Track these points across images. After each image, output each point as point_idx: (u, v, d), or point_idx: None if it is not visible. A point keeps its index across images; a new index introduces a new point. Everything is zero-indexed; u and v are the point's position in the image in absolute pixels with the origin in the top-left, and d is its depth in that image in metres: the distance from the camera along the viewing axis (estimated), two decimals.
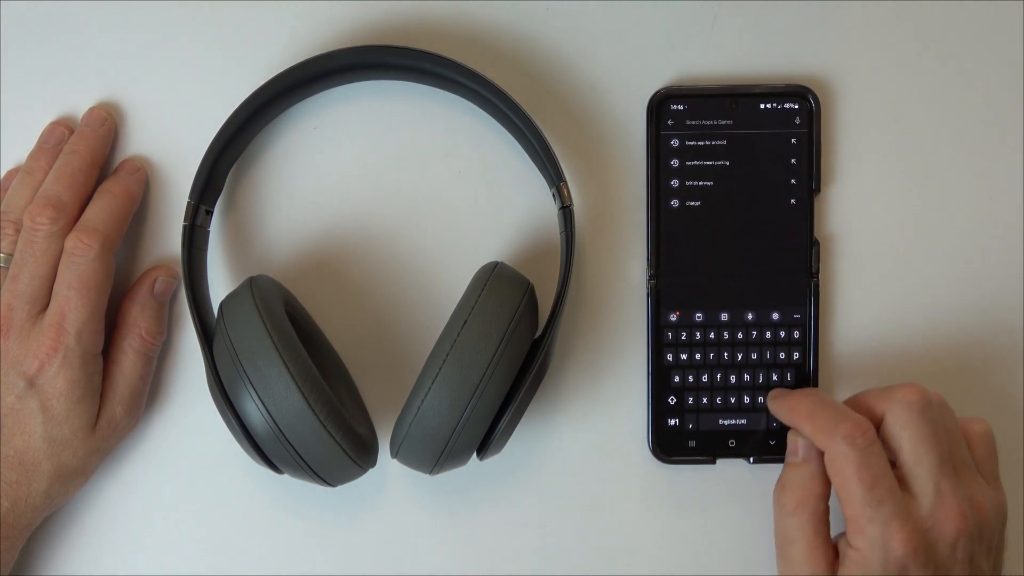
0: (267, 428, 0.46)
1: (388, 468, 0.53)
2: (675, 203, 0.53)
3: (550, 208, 0.54)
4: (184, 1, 0.54)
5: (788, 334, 0.53)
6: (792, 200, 0.53)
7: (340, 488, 0.49)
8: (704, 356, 0.53)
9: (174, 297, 0.54)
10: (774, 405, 0.51)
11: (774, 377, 0.53)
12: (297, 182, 0.54)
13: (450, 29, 0.54)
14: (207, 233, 0.52)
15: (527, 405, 0.49)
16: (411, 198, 0.54)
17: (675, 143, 0.53)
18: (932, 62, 0.54)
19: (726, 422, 0.53)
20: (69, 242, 0.50)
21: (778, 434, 0.53)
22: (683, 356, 0.53)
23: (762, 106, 0.52)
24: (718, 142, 0.52)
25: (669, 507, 0.54)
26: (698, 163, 0.52)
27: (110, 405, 0.51)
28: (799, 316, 0.53)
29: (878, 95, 0.54)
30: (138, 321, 0.52)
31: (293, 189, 0.54)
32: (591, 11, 0.54)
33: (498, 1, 0.54)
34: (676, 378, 0.53)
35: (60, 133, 0.53)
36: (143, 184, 0.54)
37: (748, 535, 0.54)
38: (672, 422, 0.53)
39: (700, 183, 0.53)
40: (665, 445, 0.53)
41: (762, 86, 0.53)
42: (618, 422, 0.54)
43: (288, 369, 0.45)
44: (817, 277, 0.53)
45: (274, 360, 0.46)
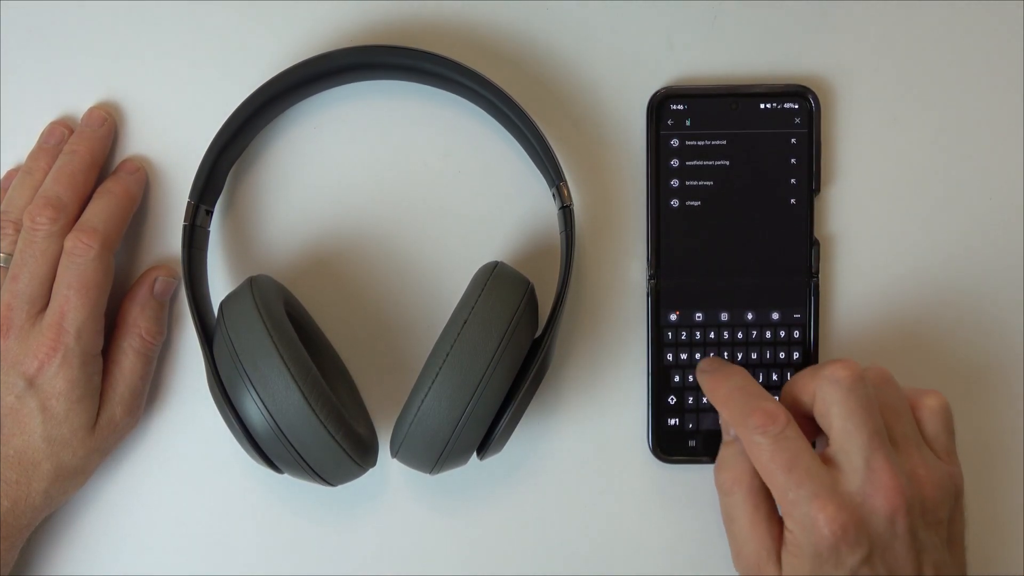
0: (267, 428, 0.46)
1: (388, 468, 0.53)
2: (675, 203, 0.53)
3: (550, 208, 0.54)
4: (184, 1, 0.54)
5: (788, 334, 0.53)
6: (792, 200, 0.53)
7: (340, 488, 0.49)
8: (704, 356, 0.53)
9: (174, 297, 0.54)
10: (700, 380, 0.51)
11: (774, 377, 0.53)
12: (297, 182, 0.54)
13: (450, 29, 0.54)
14: (207, 233, 0.52)
15: (527, 405, 0.49)
16: (411, 198, 0.54)
17: (675, 143, 0.53)
18: (932, 62, 0.54)
19: None
20: (69, 242, 0.50)
21: None
22: (683, 356, 0.53)
23: (762, 106, 0.52)
24: (718, 142, 0.52)
25: (669, 507, 0.54)
26: (698, 163, 0.52)
27: (110, 405, 0.51)
28: (799, 316, 0.53)
29: (878, 95, 0.54)
30: (138, 321, 0.52)
31: (293, 189, 0.54)
32: (591, 11, 0.54)
33: (498, 1, 0.54)
34: (676, 378, 0.53)
35: (60, 133, 0.53)
36: (143, 184, 0.54)
37: None
38: (672, 422, 0.53)
39: (700, 183, 0.53)
40: (665, 445, 0.53)
41: (762, 86, 0.53)
42: (618, 422, 0.54)
43: (288, 369, 0.45)
44: (817, 277, 0.53)
45: (274, 360, 0.46)
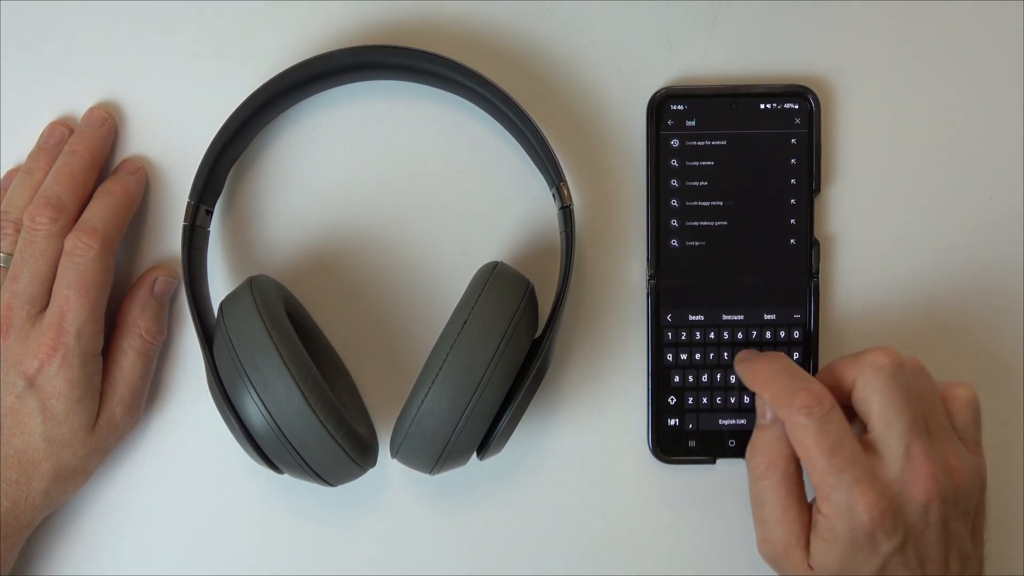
0: (267, 428, 0.46)
1: (388, 468, 0.53)
2: (675, 203, 0.53)
3: (550, 208, 0.54)
4: (184, 1, 0.54)
5: (788, 334, 0.53)
6: (792, 200, 0.53)
7: (340, 488, 0.49)
8: (704, 356, 0.53)
9: (174, 297, 0.54)
10: (739, 368, 0.51)
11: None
12: (297, 182, 0.54)
13: (450, 29, 0.54)
14: (207, 233, 0.52)
15: (527, 405, 0.49)
16: (411, 198, 0.54)
17: (675, 143, 0.53)
18: (932, 62, 0.54)
19: (726, 422, 0.53)
20: (69, 242, 0.50)
21: None
22: (683, 356, 0.53)
23: (762, 106, 0.52)
24: (718, 142, 0.52)
25: (669, 507, 0.54)
26: (698, 163, 0.52)
27: (110, 405, 0.51)
28: (799, 316, 0.53)
29: (878, 95, 0.54)
30: (138, 321, 0.52)
31: (293, 189, 0.54)
32: (591, 11, 0.54)
33: (498, 1, 0.54)
34: (676, 378, 0.53)
35: (60, 133, 0.53)
36: (143, 184, 0.54)
37: (748, 535, 0.54)
38: (672, 422, 0.53)
39: (700, 183, 0.52)
40: (665, 445, 0.53)
41: (762, 86, 0.53)
42: (618, 422, 0.54)
43: (288, 369, 0.45)
44: (817, 277, 0.53)
45: (274, 360, 0.46)
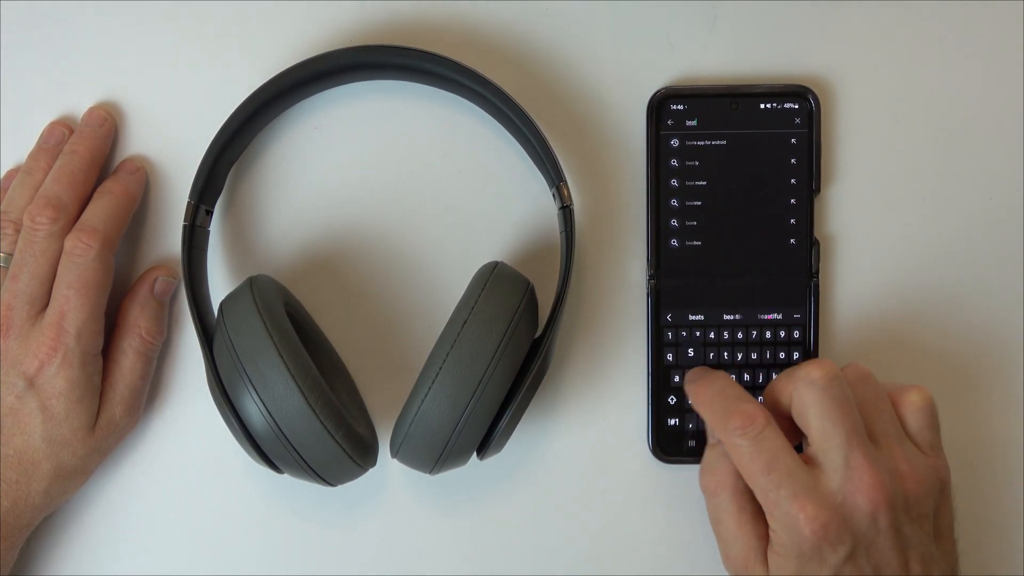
0: (267, 428, 0.46)
1: (388, 468, 0.53)
2: (675, 203, 0.53)
3: (550, 208, 0.54)
4: (184, 1, 0.54)
5: (788, 334, 0.53)
6: (792, 200, 0.53)
7: (340, 488, 0.49)
8: (704, 356, 0.53)
9: (174, 297, 0.54)
10: (686, 389, 0.51)
11: (774, 377, 0.52)
12: (297, 182, 0.54)
13: (450, 29, 0.54)
14: (207, 233, 0.52)
15: (527, 405, 0.49)
16: (411, 198, 0.54)
17: (675, 143, 0.53)
18: (932, 62, 0.54)
19: None
20: (69, 242, 0.50)
21: None
22: (683, 356, 0.53)
23: (762, 106, 0.52)
24: (718, 142, 0.52)
25: (669, 507, 0.54)
26: (698, 163, 0.52)
27: (110, 405, 0.51)
28: (799, 316, 0.53)
29: (878, 95, 0.54)
30: (138, 321, 0.52)
31: (293, 189, 0.54)
32: (591, 11, 0.54)
33: (498, 1, 0.54)
34: (676, 378, 0.53)
35: (60, 133, 0.53)
36: (143, 184, 0.54)
37: None
38: (672, 422, 0.53)
39: (700, 183, 0.53)
40: (665, 445, 0.53)
41: (762, 86, 0.53)
42: (618, 422, 0.54)
43: (288, 369, 0.46)
44: (817, 277, 0.53)
45: (274, 360, 0.46)
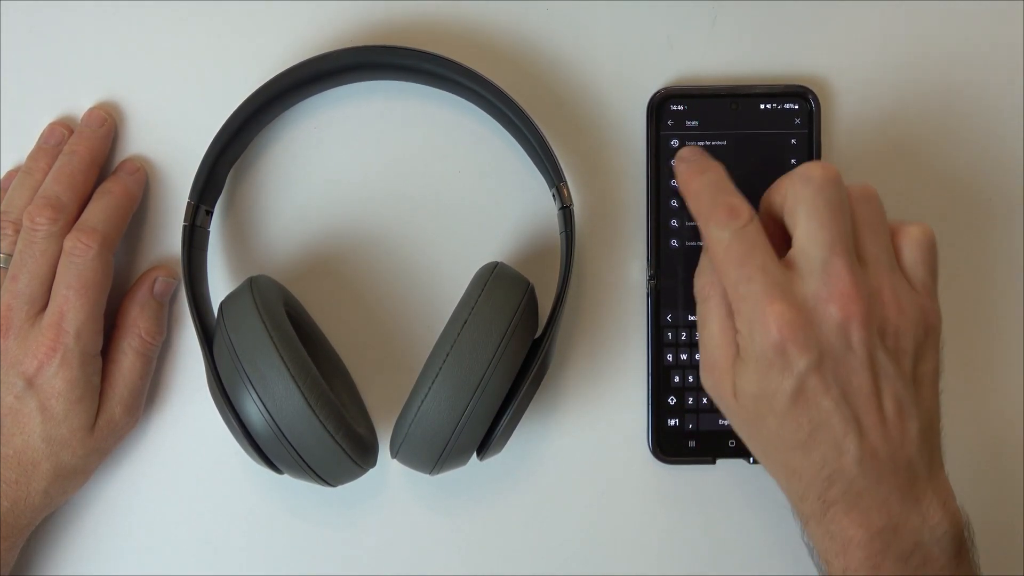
0: (267, 428, 0.46)
1: (388, 468, 0.53)
2: (675, 203, 0.53)
3: (550, 208, 0.54)
4: (184, 1, 0.54)
5: None
6: None
7: (340, 488, 0.49)
8: None
9: (174, 297, 0.54)
10: (676, 167, 0.47)
11: None
12: (297, 182, 0.54)
13: (450, 29, 0.54)
14: (207, 233, 0.52)
15: (527, 405, 0.49)
16: (411, 198, 0.54)
17: (675, 143, 0.53)
18: (932, 62, 0.54)
19: (726, 422, 0.53)
20: (68, 242, 0.50)
21: None
22: (683, 356, 0.53)
23: (762, 106, 0.52)
24: (718, 142, 0.52)
25: (669, 507, 0.54)
26: None
27: (109, 405, 0.51)
28: None
29: (878, 95, 0.54)
30: (138, 321, 0.52)
31: (293, 189, 0.54)
32: (591, 11, 0.54)
33: (498, 1, 0.54)
34: (676, 378, 0.53)
35: (60, 133, 0.53)
36: (143, 184, 0.54)
37: (748, 535, 0.54)
38: (672, 422, 0.53)
39: None
40: (665, 445, 0.53)
41: (762, 86, 0.53)
42: (618, 422, 0.54)
43: (288, 369, 0.45)
44: None
45: (274, 360, 0.46)
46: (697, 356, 0.53)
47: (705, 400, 0.52)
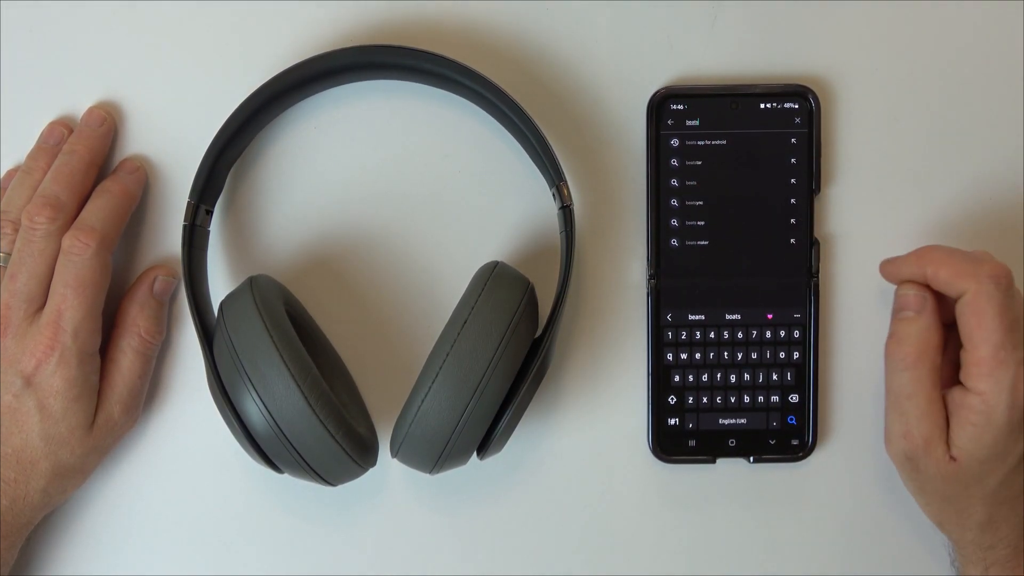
0: (267, 427, 0.46)
1: (388, 468, 0.53)
2: (675, 203, 0.53)
3: (550, 208, 0.54)
4: (184, 1, 0.54)
5: (788, 334, 0.53)
6: (792, 200, 0.53)
7: (340, 488, 0.49)
8: (704, 356, 0.53)
9: (174, 297, 0.54)
10: (893, 265, 0.50)
11: (774, 377, 0.53)
12: (297, 182, 0.54)
13: (450, 29, 0.54)
14: (207, 233, 0.52)
15: (527, 405, 0.48)
16: (411, 198, 0.54)
17: (675, 143, 0.53)
18: (932, 62, 0.54)
19: (726, 422, 0.53)
20: (66, 241, 0.50)
21: (778, 434, 0.53)
22: (683, 356, 0.53)
23: (762, 106, 0.52)
24: (718, 142, 0.52)
25: (669, 507, 0.54)
26: (698, 163, 0.52)
27: (108, 404, 0.51)
28: (799, 316, 0.53)
29: (878, 95, 0.54)
30: (137, 320, 0.52)
31: (293, 189, 0.54)
32: (591, 11, 0.54)
33: (498, 1, 0.54)
34: (676, 378, 0.53)
35: (60, 133, 0.53)
36: (142, 183, 0.54)
37: (748, 535, 0.54)
38: (672, 422, 0.53)
39: (700, 182, 0.52)
40: (665, 445, 0.53)
41: (762, 86, 0.53)
42: (618, 422, 0.54)
43: (288, 369, 0.45)
44: (817, 277, 0.53)
45: (274, 360, 0.46)
46: (697, 355, 0.53)
47: (705, 400, 0.52)
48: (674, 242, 0.53)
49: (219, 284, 0.54)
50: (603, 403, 0.54)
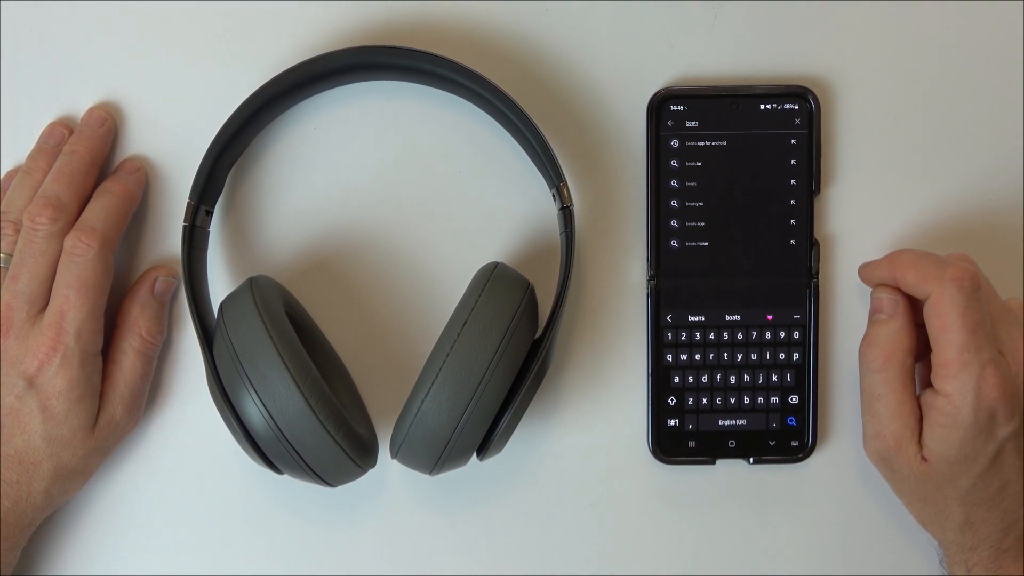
0: (267, 428, 0.46)
1: (388, 468, 0.53)
2: (675, 203, 0.53)
3: (550, 208, 0.54)
4: (184, 1, 0.54)
5: (788, 334, 0.53)
6: (792, 201, 0.53)
7: (340, 488, 0.49)
8: (704, 357, 0.53)
9: (174, 297, 0.54)
10: (868, 268, 0.51)
11: (774, 378, 0.53)
12: (297, 182, 0.54)
13: (450, 29, 0.54)
14: (207, 233, 0.52)
15: (527, 405, 0.49)
16: (411, 198, 0.54)
17: (675, 143, 0.53)
18: (932, 62, 0.54)
19: (726, 422, 0.53)
20: (68, 242, 0.50)
21: (778, 434, 0.53)
22: (683, 356, 0.53)
23: (762, 106, 0.52)
24: (718, 143, 0.52)
25: (669, 507, 0.54)
26: (698, 163, 0.52)
27: (110, 405, 0.51)
28: (799, 316, 0.53)
29: (878, 95, 0.54)
30: (138, 321, 0.52)
31: (293, 189, 0.54)
32: (591, 11, 0.54)
33: (498, 1, 0.54)
34: (676, 378, 0.53)
35: (60, 133, 0.53)
36: (143, 184, 0.54)
37: (748, 535, 0.54)
38: (672, 422, 0.53)
39: (700, 183, 0.52)
40: (665, 445, 0.53)
41: (762, 86, 0.53)
42: (618, 422, 0.54)
43: (288, 369, 0.45)
44: (817, 277, 0.53)
45: (274, 360, 0.46)
46: (697, 356, 0.53)
47: (705, 400, 0.53)
48: (674, 243, 0.53)
49: (219, 284, 0.54)
50: (603, 404, 0.54)
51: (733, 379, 0.52)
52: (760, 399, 0.53)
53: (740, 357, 0.53)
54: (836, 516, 0.54)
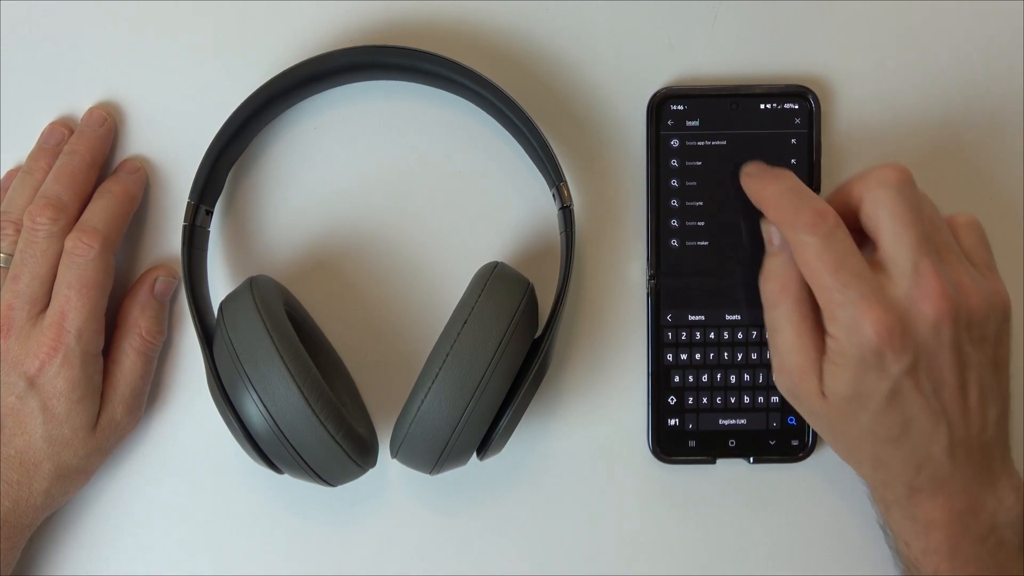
0: (267, 428, 0.46)
1: (388, 468, 0.53)
2: (675, 203, 0.53)
3: (550, 208, 0.54)
4: (184, 1, 0.54)
5: None
6: None
7: (340, 488, 0.50)
8: (704, 356, 0.53)
9: (174, 297, 0.54)
10: (746, 183, 0.49)
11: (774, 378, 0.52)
12: (297, 182, 0.54)
13: (450, 29, 0.54)
14: (207, 233, 0.52)
15: (527, 405, 0.49)
16: (411, 198, 0.54)
17: (675, 143, 0.53)
18: (932, 62, 0.54)
19: (726, 422, 0.53)
20: (69, 242, 0.50)
21: (778, 434, 0.53)
22: (683, 356, 0.53)
23: (762, 106, 0.52)
24: (718, 142, 0.52)
25: (669, 507, 0.54)
26: (698, 163, 0.52)
27: (111, 405, 0.51)
28: None
29: (878, 95, 0.54)
30: (138, 321, 0.52)
31: (293, 189, 0.54)
32: (591, 11, 0.54)
33: (498, 1, 0.54)
34: (676, 378, 0.53)
35: (60, 133, 0.53)
36: (143, 184, 0.54)
37: (748, 535, 0.54)
38: (672, 422, 0.53)
39: (700, 183, 0.52)
40: (665, 445, 0.53)
41: (762, 86, 0.53)
42: (618, 422, 0.54)
43: (288, 369, 0.46)
44: None
45: (274, 360, 0.46)
46: (697, 356, 0.53)
47: (705, 400, 0.53)
48: (674, 242, 0.53)
49: (219, 284, 0.54)
50: (603, 403, 0.54)
51: (733, 378, 0.52)
52: (760, 399, 0.53)
53: (740, 357, 0.53)
54: (836, 516, 0.54)
